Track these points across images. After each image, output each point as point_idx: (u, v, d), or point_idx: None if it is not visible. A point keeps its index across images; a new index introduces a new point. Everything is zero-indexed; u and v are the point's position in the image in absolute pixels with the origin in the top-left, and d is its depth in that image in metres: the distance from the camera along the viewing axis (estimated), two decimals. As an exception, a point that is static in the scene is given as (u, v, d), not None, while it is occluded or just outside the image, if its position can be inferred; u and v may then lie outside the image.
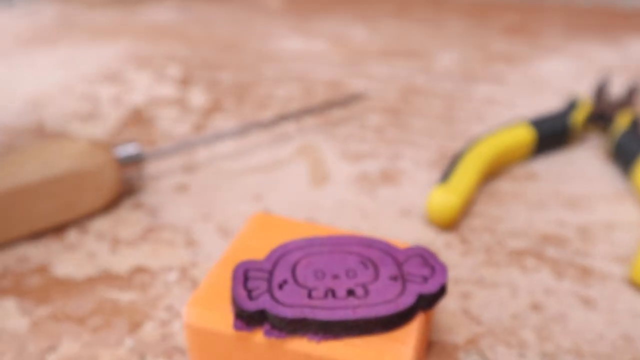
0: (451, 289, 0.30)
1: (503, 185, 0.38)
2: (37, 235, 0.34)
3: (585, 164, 0.41)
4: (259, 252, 0.27)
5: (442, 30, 0.65)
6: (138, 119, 0.46)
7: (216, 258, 0.32)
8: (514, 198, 0.37)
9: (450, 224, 0.34)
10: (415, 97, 0.50)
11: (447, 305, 0.29)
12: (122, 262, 0.32)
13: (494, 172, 0.39)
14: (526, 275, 0.31)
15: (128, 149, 0.36)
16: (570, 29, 0.66)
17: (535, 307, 0.29)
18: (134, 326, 0.28)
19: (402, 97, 0.50)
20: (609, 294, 0.30)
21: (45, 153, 0.33)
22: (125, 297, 0.29)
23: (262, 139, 0.43)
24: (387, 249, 0.26)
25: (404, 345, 0.23)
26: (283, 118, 0.41)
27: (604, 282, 0.31)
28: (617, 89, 0.51)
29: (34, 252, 0.32)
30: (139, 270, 0.31)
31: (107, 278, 0.30)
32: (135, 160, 0.36)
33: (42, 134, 0.43)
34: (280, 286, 0.24)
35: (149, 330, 0.27)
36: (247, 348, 0.24)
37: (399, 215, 0.35)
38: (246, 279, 0.25)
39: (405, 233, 0.34)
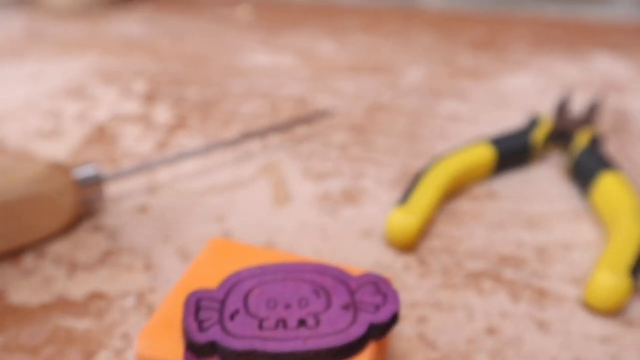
0: (408, 313, 0.30)
1: (463, 205, 0.39)
2: (-7, 260, 0.33)
3: (546, 182, 0.41)
4: (214, 279, 0.27)
5: (410, 44, 0.66)
6: (101, 136, 0.45)
7: (175, 282, 0.32)
8: (474, 218, 0.38)
9: (410, 246, 0.34)
10: (380, 114, 0.50)
11: (403, 330, 0.29)
12: (79, 287, 0.31)
13: (454, 192, 0.40)
14: (483, 298, 0.31)
15: (87, 171, 0.35)
16: (536, 43, 0.67)
17: (491, 331, 0.29)
18: (88, 355, 0.27)
19: (368, 114, 0.50)
20: (564, 317, 0.30)
21: (1, 175, 0.33)
22: (80, 325, 0.29)
23: (225, 158, 0.43)
24: (340, 277, 0.26)
25: (355, 376, 0.23)
26: (248, 136, 0.41)
27: (559, 305, 0.31)
28: (579, 106, 0.51)
29: (-11, 278, 0.32)
30: (96, 296, 0.31)
31: (63, 305, 0.30)
32: (94, 182, 0.35)
33: (1, 151, 0.43)
34: (232, 317, 0.24)
35: (103, 359, 0.27)
36: (198, 379, 0.24)
37: (359, 237, 0.36)
38: (198, 309, 0.25)
39: (365, 255, 0.34)
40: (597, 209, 0.37)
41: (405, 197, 0.35)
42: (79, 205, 0.35)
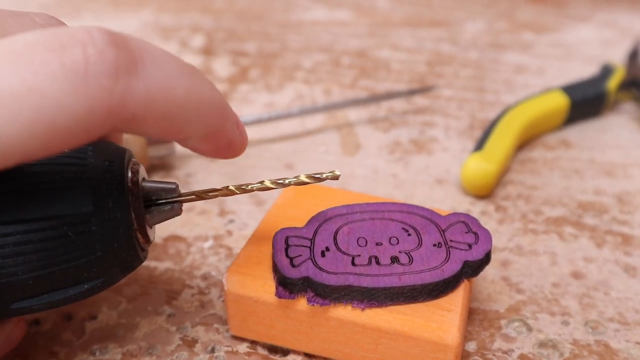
0: (490, 257, 0.30)
1: (536, 153, 0.38)
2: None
3: (620, 131, 0.40)
4: (296, 220, 0.26)
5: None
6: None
7: (250, 226, 0.32)
8: (548, 166, 0.37)
9: (486, 192, 0.33)
10: (442, 67, 0.49)
11: (486, 273, 0.29)
12: (156, 232, 0.31)
13: (527, 140, 0.39)
14: (565, 243, 0.31)
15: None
16: (597, -3, 0.65)
17: (576, 275, 0.29)
18: (173, 293, 0.27)
19: (429, 67, 0.49)
20: (651, 262, 0.30)
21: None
22: (161, 265, 0.29)
23: (290, 108, 0.43)
24: (428, 216, 0.26)
25: (450, 312, 0.23)
26: (345, 104, 0.40)
27: (645, 250, 0.30)
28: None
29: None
30: (174, 239, 0.31)
31: (143, 247, 0.30)
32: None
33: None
34: (323, 254, 0.24)
35: (187, 298, 0.27)
36: (289, 315, 0.24)
37: (433, 184, 0.35)
38: (287, 246, 0.24)
39: (440, 202, 0.34)
40: (676, 157, 0.36)
41: (481, 144, 0.35)
42: (147, 158, 0.35)
